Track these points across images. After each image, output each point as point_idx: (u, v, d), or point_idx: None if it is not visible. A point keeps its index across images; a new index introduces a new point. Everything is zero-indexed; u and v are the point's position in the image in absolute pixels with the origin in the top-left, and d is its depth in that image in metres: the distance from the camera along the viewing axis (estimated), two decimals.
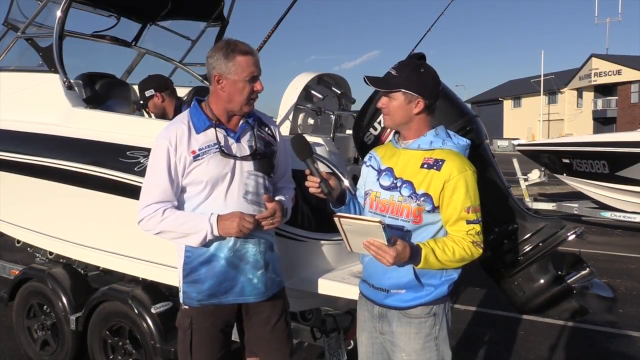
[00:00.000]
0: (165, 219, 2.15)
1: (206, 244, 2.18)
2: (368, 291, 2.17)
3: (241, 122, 2.27)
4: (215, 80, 2.19)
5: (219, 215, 2.14)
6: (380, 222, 1.80)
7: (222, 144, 2.19)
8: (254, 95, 2.21)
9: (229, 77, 2.16)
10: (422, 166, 2.01)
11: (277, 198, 2.30)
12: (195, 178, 2.16)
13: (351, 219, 1.86)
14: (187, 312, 2.29)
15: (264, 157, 2.29)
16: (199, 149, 2.16)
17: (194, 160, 2.15)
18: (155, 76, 3.92)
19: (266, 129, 2.37)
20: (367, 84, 2.08)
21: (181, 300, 2.30)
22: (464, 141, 2.10)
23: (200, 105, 2.26)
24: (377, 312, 2.14)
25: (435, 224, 2.03)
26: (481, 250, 2.01)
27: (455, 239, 1.98)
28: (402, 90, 2.01)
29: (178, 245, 2.26)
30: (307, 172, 2.10)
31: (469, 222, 1.97)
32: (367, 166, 2.23)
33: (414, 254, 1.91)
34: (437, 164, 1.99)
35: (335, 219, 1.88)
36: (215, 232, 2.13)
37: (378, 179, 2.12)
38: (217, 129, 2.20)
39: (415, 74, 2.02)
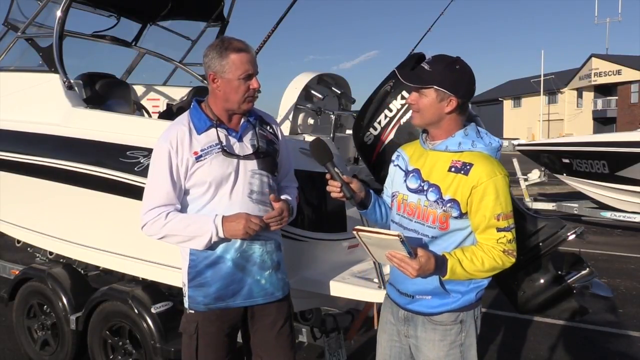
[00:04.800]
0: (169, 222, 2.11)
1: (211, 246, 2.14)
2: (394, 294, 2.12)
3: (242, 121, 2.24)
4: (210, 80, 2.16)
5: (223, 217, 2.10)
6: (398, 235, 1.72)
7: (224, 143, 2.16)
8: (252, 93, 2.17)
9: (223, 75, 2.12)
10: (449, 170, 1.91)
11: (282, 197, 2.26)
12: (198, 179, 2.13)
13: (369, 232, 1.82)
14: (192, 317, 2.23)
15: (267, 156, 2.25)
16: (201, 150, 2.13)
17: (197, 161, 2.12)
18: None
19: (268, 127, 2.34)
20: (399, 78, 1.99)
21: (186, 305, 2.25)
22: (497, 142, 1.99)
23: (199, 105, 2.23)
24: (403, 316, 2.08)
25: (464, 229, 1.93)
26: (514, 260, 1.90)
27: (484, 248, 1.88)
28: (435, 87, 1.90)
29: (182, 248, 2.23)
30: (328, 176, 2.04)
31: (499, 229, 1.87)
32: (394, 165, 2.15)
33: (440, 266, 1.82)
34: (464, 168, 1.88)
35: (354, 232, 1.85)
36: (221, 234, 2.09)
37: (405, 181, 2.04)
38: (218, 128, 2.17)
39: (450, 71, 1.90)
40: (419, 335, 2.04)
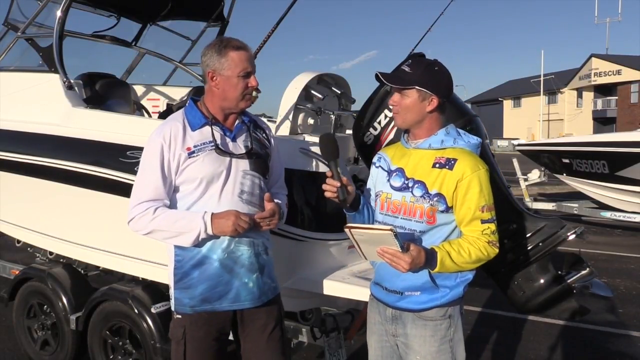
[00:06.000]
0: (157, 217, 2.09)
1: (198, 244, 2.12)
2: (380, 294, 2.13)
3: (237, 121, 2.24)
4: (209, 78, 2.16)
5: (213, 214, 2.08)
6: (391, 229, 1.77)
7: (218, 141, 2.15)
8: (250, 91, 2.17)
9: (222, 73, 2.12)
10: (434, 166, 1.98)
11: (275, 201, 2.26)
12: (189, 175, 2.12)
13: (362, 228, 1.84)
14: (179, 321, 2.20)
15: (259, 157, 2.25)
16: (194, 146, 2.12)
17: (189, 157, 2.11)
18: None
19: (261, 131, 2.34)
20: (381, 80, 2.04)
21: (173, 309, 2.23)
22: (475, 139, 2.07)
23: (195, 103, 2.23)
24: (390, 314, 2.10)
25: (449, 224, 2.00)
26: (497, 250, 1.98)
27: (470, 239, 1.95)
28: (417, 87, 1.97)
29: (168, 249, 2.21)
30: (329, 174, 2.04)
31: (483, 221, 1.95)
32: (376, 167, 2.20)
33: (430, 259, 1.88)
34: (449, 163, 1.96)
35: (346, 229, 1.86)
36: (209, 231, 2.07)
37: (388, 180, 2.09)
38: (213, 126, 2.16)
39: (429, 72, 1.99)
40: (409, 332, 2.06)
